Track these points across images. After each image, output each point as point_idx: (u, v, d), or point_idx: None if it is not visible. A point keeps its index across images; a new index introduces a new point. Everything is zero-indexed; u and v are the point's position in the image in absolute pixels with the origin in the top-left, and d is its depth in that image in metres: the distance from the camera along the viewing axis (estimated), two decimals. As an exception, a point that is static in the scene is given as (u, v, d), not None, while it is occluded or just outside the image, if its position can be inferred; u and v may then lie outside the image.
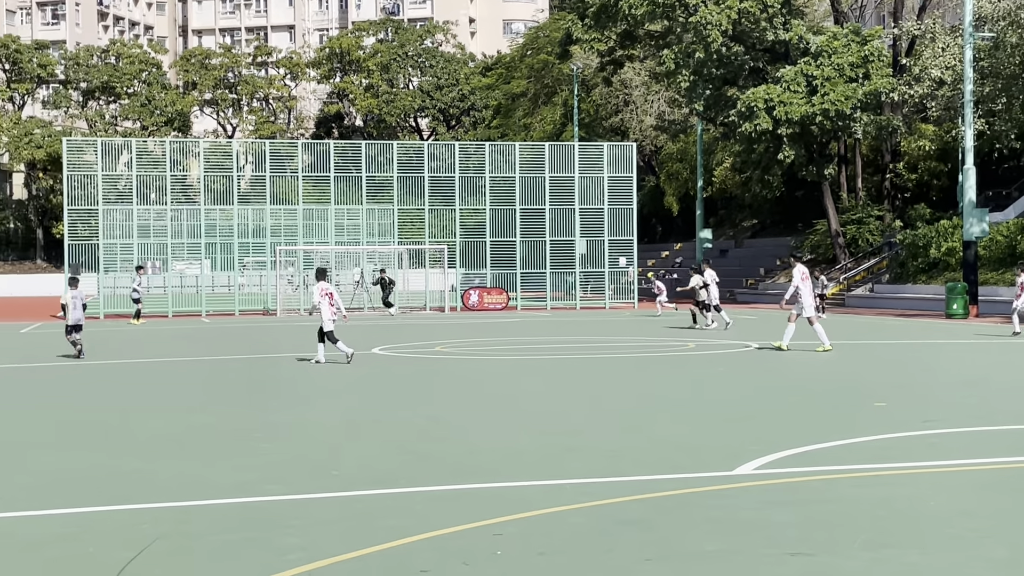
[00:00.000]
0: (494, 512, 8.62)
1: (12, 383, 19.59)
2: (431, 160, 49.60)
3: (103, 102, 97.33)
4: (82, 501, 9.32)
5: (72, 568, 7.23)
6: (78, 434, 13.20)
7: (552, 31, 77.18)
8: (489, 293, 48.36)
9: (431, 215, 49.24)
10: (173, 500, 9.31)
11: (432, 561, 7.26)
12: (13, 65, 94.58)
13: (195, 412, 15.09)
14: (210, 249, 49.51)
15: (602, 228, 49.01)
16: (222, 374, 20.69)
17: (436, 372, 20.91)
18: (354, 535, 7.94)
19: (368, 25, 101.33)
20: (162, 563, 7.29)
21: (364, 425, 13.68)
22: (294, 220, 49.20)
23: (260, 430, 13.24)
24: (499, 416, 14.43)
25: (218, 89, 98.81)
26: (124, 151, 54.19)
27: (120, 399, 16.92)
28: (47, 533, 8.25)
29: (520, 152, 49.86)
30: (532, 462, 10.98)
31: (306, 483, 9.98)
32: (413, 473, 10.41)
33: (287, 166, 51.29)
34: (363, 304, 47.97)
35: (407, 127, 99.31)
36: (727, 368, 21.09)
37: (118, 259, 46.74)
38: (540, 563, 7.23)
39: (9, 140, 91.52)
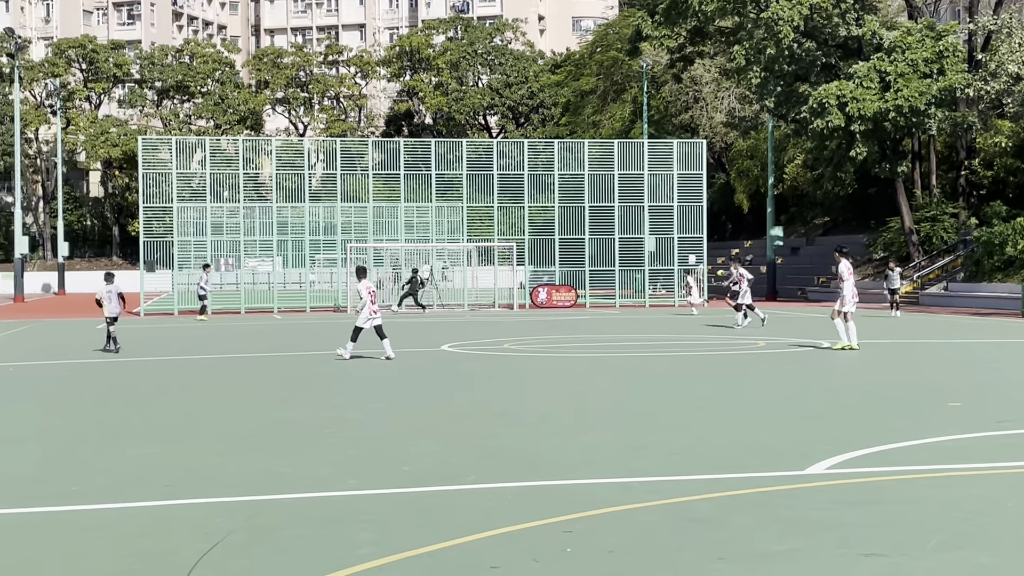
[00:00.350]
0: (564, 509, 8.65)
1: (91, 377, 19.96)
2: (500, 158, 49.69)
3: (177, 101, 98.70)
4: (160, 495, 9.49)
5: (152, 560, 7.38)
6: (154, 428, 13.43)
7: (622, 28, 76.95)
8: (558, 291, 48.35)
9: (500, 213, 49.34)
10: (247, 494, 9.45)
11: (502, 557, 7.31)
12: (90, 65, 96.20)
13: (268, 407, 15.29)
14: (282, 246, 50.05)
15: (671, 226, 48.80)
16: (293, 370, 20.92)
17: (505, 369, 20.97)
18: (426, 530, 8.01)
19: (438, 23, 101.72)
20: (236, 556, 7.41)
21: (435, 421, 13.77)
22: (364, 218, 49.53)
23: (331, 425, 13.38)
24: (568, 413, 14.46)
25: (290, 88, 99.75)
26: (198, 149, 54.96)
27: (194, 394, 17.18)
28: (130, 525, 8.41)
29: (589, 149, 49.80)
30: (602, 460, 11.00)
31: (378, 478, 10.08)
32: (483, 469, 10.47)
33: (358, 164, 51.69)
34: (432, 301, 48.18)
35: (476, 125, 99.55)
36: (797, 367, 20.93)
37: (192, 256, 47.39)
38: (610, 561, 7.25)
39: (86, 139, 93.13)
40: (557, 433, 12.73)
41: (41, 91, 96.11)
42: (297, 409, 15.10)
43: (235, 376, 20.07)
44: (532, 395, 16.70)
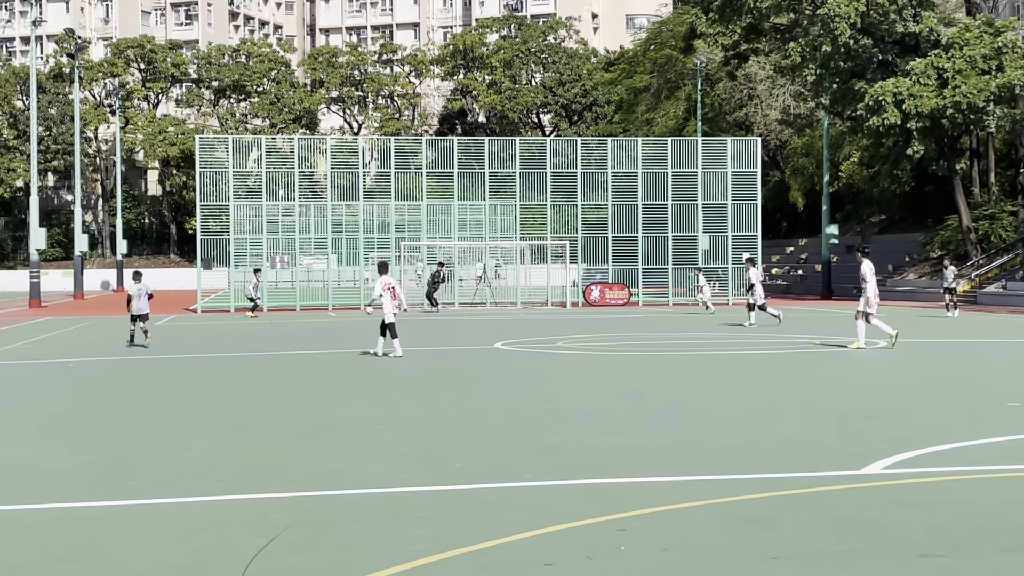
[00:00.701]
0: (618, 507, 8.67)
1: (149, 373, 20.22)
2: (553, 156, 49.69)
3: (234, 100, 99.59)
4: (217, 490, 9.62)
5: (211, 554, 7.48)
6: (212, 424, 13.59)
7: (675, 25, 76.62)
8: (611, 289, 48.28)
9: (553, 211, 49.34)
10: (303, 490, 9.55)
11: (557, 554, 7.34)
12: (148, 65, 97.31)
13: (323, 403, 15.42)
14: (336, 244, 50.36)
15: (725, 224, 48.57)
16: (348, 366, 21.05)
17: (559, 367, 20.99)
18: (480, 527, 8.06)
19: (491, 22, 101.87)
20: (293, 551, 7.50)
21: (488, 418, 13.83)
22: (418, 216, 49.72)
23: (386, 422, 13.48)
24: (622, 412, 14.46)
25: (345, 87, 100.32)
26: (254, 148, 55.45)
27: (251, 390, 17.35)
28: (189, 520, 8.54)
29: (643, 147, 49.68)
30: (655, 458, 11.00)
31: (433, 475, 10.15)
32: (538, 467, 10.50)
33: (411, 162, 51.90)
34: (486, 299, 48.31)
35: (529, 123, 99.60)
36: (851, 366, 20.78)
37: (247, 253, 47.82)
38: (664, 559, 7.26)
39: (144, 138, 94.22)
40: (611, 431, 12.74)
41: (100, 91, 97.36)
42: (352, 405, 15.22)
43: (291, 372, 20.24)
44: (586, 393, 16.71)
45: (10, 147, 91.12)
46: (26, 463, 10.98)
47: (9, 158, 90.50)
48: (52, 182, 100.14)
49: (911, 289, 51.55)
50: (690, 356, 23.45)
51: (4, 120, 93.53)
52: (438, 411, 14.63)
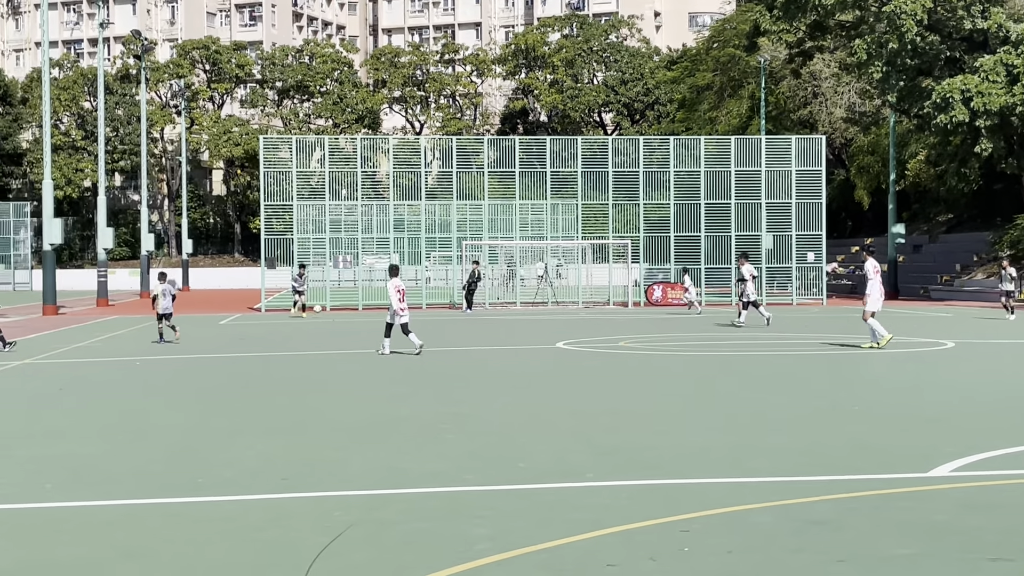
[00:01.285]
0: (681, 508, 8.62)
1: (213, 372, 20.43)
2: (615, 155, 49.55)
3: (297, 100, 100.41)
4: (280, 488, 9.69)
5: (274, 552, 7.54)
6: (275, 422, 13.69)
7: (739, 23, 76.08)
8: (673, 288, 48.03)
9: (615, 210, 49.20)
10: (365, 488, 9.59)
11: (619, 555, 7.31)
12: (213, 66, 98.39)
13: (385, 402, 15.48)
14: (398, 243, 50.55)
15: (789, 223, 48.15)
16: (410, 365, 21.12)
17: (620, 367, 20.92)
18: (542, 527, 8.04)
19: (553, 21, 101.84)
20: (356, 549, 7.53)
21: (550, 418, 13.81)
22: (479, 215, 49.78)
23: (448, 421, 13.50)
24: (684, 412, 14.38)
25: (407, 86, 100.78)
26: (317, 148, 55.85)
27: (314, 389, 17.46)
28: (252, 518, 8.61)
29: (705, 146, 49.39)
30: (719, 459, 10.92)
31: (495, 474, 10.15)
32: (600, 467, 10.47)
33: (473, 162, 52.01)
34: (547, 299, 48.28)
35: (591, 122, 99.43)
36: (917, 366, 20.51)
37: (311, 253, 48.16)
38: (728, 561, 7.20)
39: (209, 138, 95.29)
40: (673, 432, 12.68)
41: (166, 92, 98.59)
42: (414, 404, 15.26)
43: (353, 371, 20.35)
44: (648, 393, 16.63)
45: (78, 148, 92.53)
46: (94, 460, 11.13)
47: (77, 158, 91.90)
48: (119, 182, 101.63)
49: (978, 289, 50.78)
50: (753, 356, 23.27)
51: (72, 121, 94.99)
52: (499, 411, 14.63)
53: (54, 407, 15.61)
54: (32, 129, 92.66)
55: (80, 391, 17.53)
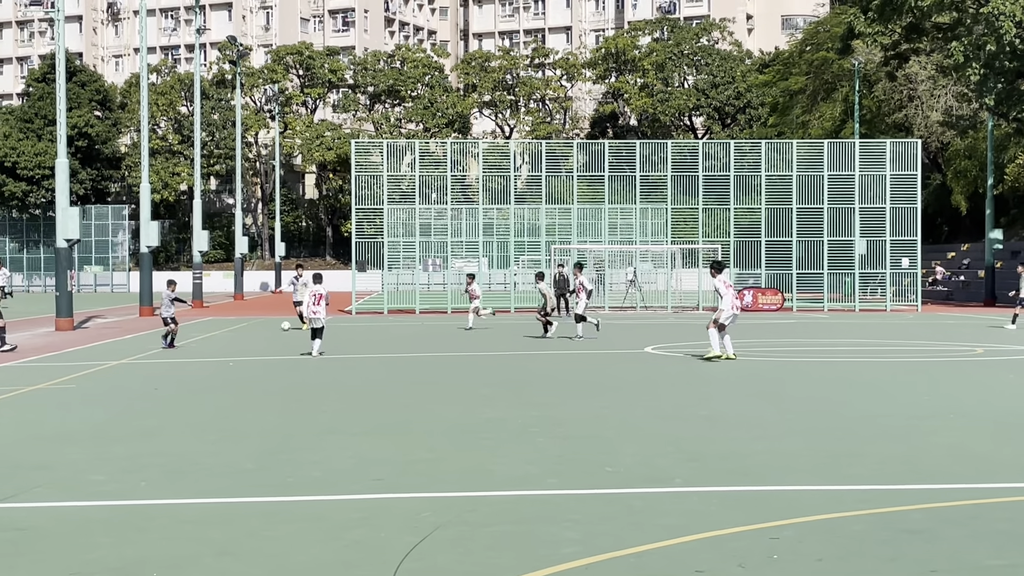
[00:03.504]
0: (770, 515, 8.53)
1: (305, 373, 20.66)
2: (705, 159, 49.22)
3: (388, 105, 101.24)
4: (370, 488, 9.77)
5: (363, 551, 7.60)
6: (366, 424, 13.81)
7: (833, 25, 75.11)
8: (764, 293, 47.58)
9: (705, 214, 48.87)
10: (454, 490, 9.63)
11: (708, 561, 7.25)
12: (306, 71, 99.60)
13: (475, 405, 15.53)
14: (487, 247, 50.76)
15: (884, 228, 47.41)
16: (499, 369, 21.18)
17: (710, 372, 20.76)
18: (631, 532, 8.01)
19: (644, 25, 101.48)
20: (444, 551, 7.57)
21: (638, 423, 13.75)
22: (568, 219, 49.80)
23: (537, 424, 13.51)
24: (775, 418, 14.22)
25: (497, 91, 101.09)
26: (407, 152, 56.25)
27: (404, 391, 17.57)
28: (342, 517, 8.70)
29: (798, 150, 48.85)
30: (810, 466, 10.79)
31: (583, 478, 10.13)
32: (688, 472, 10.40)
33: (562, 166, 51.98)
34: (635, 303, 48.12)
35: (681, 126, 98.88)
36: (1018, 375, 20.06)
37: (400, 256, 48.55)
38: (818, 569, 7.11)
39: (302, 142, 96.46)
40: (763, 438, 12.54)
41: (261, 97, 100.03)
42: (503, 407, 15.30)
43: (443, 374, 20.45)
44: (737, 399, 16.48)
45: (175, 152, 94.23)
46: (187, 458, 11.32)
47: (174, 162, 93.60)
48: (214, 186, 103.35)
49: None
50: (846, 363, 22.95)
51: (169, 125, 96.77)
52: (588, 415, 14.60)
53: (150, 406, 15.91)
54: (131, 133, 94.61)
55: (175, 390, 17.84)
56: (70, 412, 15.16)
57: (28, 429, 13.48)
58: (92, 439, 12.65)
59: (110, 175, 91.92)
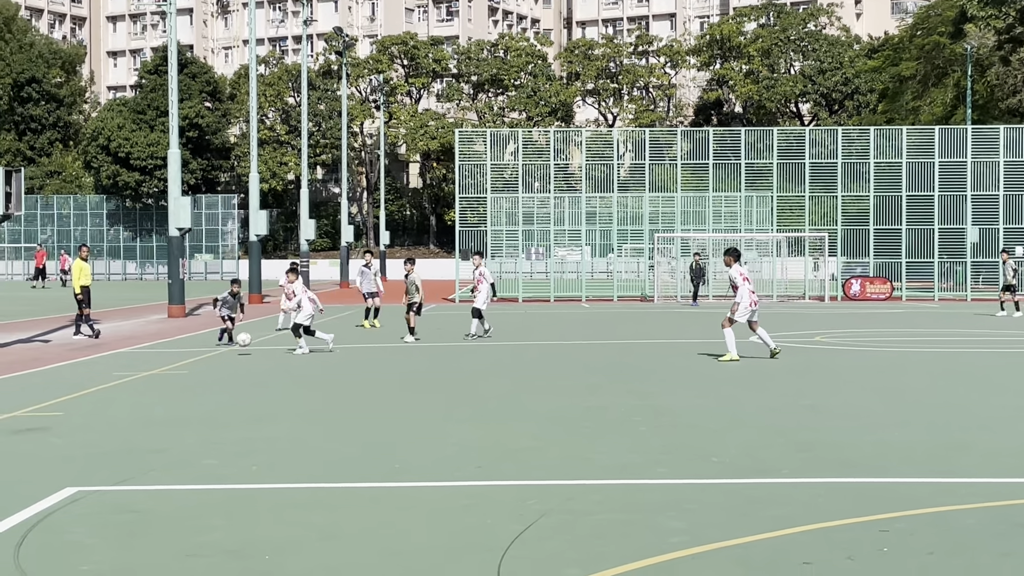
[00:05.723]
0: (880, 507, 8.41)
1: (410, 361, 20.85)
2: (812, 146, 48.53)
3: (492, 94, 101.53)
4: (475, 475, 9.84)
5: (469, 538, 7.66)
6: (472, 411, 13.90)
7: (944, 10, 73.45)
8: (872, 282, 46.81)
9: (811, 202, 48.20)
10: (559, 478, 9.66)
11: (815, 553, 7.18)
12: (411, 61, 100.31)
13: (579, 394, 15.53)
14: (590, 236, 50.68)
15: (997, 216, 46.30)
16: (603, 358, 21.14)
17: (816, 362, 20.50)
18: (737, 522, 7.96)
19: (749, 10, 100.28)
20: (549, 538, 7.59)
21: (744, 413, 13.63)
22: (672, 207, 49.50)
23: (640, 414, 13.47)
24: (883, 409, 13.99)
25: (600, 79, 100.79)
26: (511, 141, 56.33)
27: (509, 379, 17.64)
28: (447, 504, 8.78)
29: (907, 137, 47.91)
30: (920, 458, 10.60)
31: (689, 468, 10.09)
32: (795, 464, 10.29)
33: (666, 154, 51.65)
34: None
35: (788, 113, 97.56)
36: None
37: (503, 245, 48.71)
38: (929, 563, 6.99)
39: (406, 132, 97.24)
40: (872, 429, 12.35)
41: (366, 87, 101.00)
42: (606, 396, 15.28)
43: (548, 362, 20.49)
44: (844, 389, 16.24)
45: (282, 142, 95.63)
46: (297, 444, 11.51)
47: (281, 152, 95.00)
48: (320, 175, 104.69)
49: None
50: (956, 353, 22.48)
51: (277, 116, 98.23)
52: (691, 404, 14.52)
53: (259, 392, 16.20)
54: (239, 124, 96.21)
55: (284, 378, 18.14)
56: (183, 397, 15.51)
57: (143, 414, 13.82)
58: (204, 424, 12.93)
59: (220, 165, 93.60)
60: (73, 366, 20.04)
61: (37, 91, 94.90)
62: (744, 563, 6.97)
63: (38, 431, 12.34)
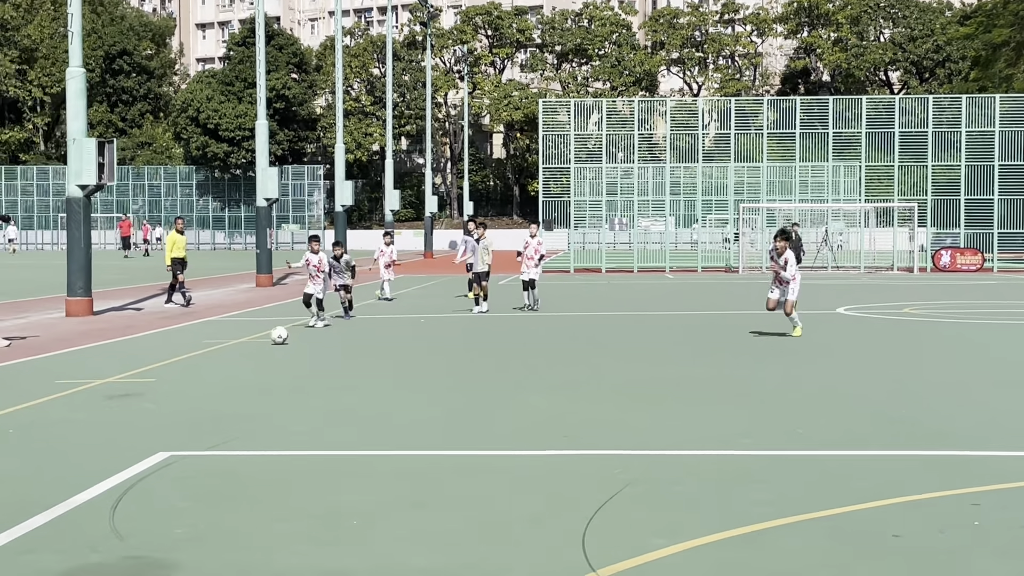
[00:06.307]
0: (973, 480, 8.28)
1: (494, 331, 20.92)
2: (902, 115, 47.67)
3: (576, 64, 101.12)
4: (560, 444, 9.86)
5: (555, 505, 7.68)
6: (556, 380, 13.91)
7: (1041, -26, 71.58)
8: (962, 254, 45.96)
9: (900, 172, 47.40)
10: (644, 448, 9.64)
11: (905, 526, 7.09)
12: (495, 31, 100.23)
13: (663, 364, 15.49)
14: (673, 206, 50.36)
15: (1093, 185, 45.18)
16: (686, 328, 21.02)
17: (905, 334, 20.20)
18: (824, 494, 7.88)
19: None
20: (634, 507, 7.58)
21: (831, 385, 13.48)
22: (757, 178, 48.99)
23: (723, 384, 13.39)
24: (975, 381, 13.76)
25: (685, 48, 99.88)
26: (594, 111, 56.09)
27: (593, 349, 17.64)
28: (532, 472, 8.81)
29: (1000, 105, 46.86)
30: (1014, 430, 10.41)
31: (774, 440, 10.01)
32: (883, 436, 10.16)
33: (751, 123, 51.08)
34: (827, 263, 47.13)
35: (876, 81, 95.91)
36: None
37: (587, 215, 48.60)
38: (1021, 537, 6.87)
39: (490, 102, 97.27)
40: (963, 401, 12.16)
41: (450, 57, 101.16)
42: (691, 367, 15.22)
43: (631, 332, 20.43)
44: (934, 361, 15.99)
45: (367, 113, 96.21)
46: (384, 412, 11.62)
47: (367, 123, 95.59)
48: (405, 146, 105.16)
49: None
50: (1051, 326, 21.99)
51: (362, 87, 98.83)
52: (777, 376, 14.40)
53: (346, 361, 16.38)
54: (325, 95, 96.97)
55: (373, 346, 18.31)
56: (271, 365, 15.72)
57: (232, 381, 14.05)
58: (292, 391, 13.11)
59: (306, 136, 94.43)
60: (164, 334, 20.42)
61: (128, 63, 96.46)
62: (832, 535, 6.91)
63: (132, 397, 12.61)
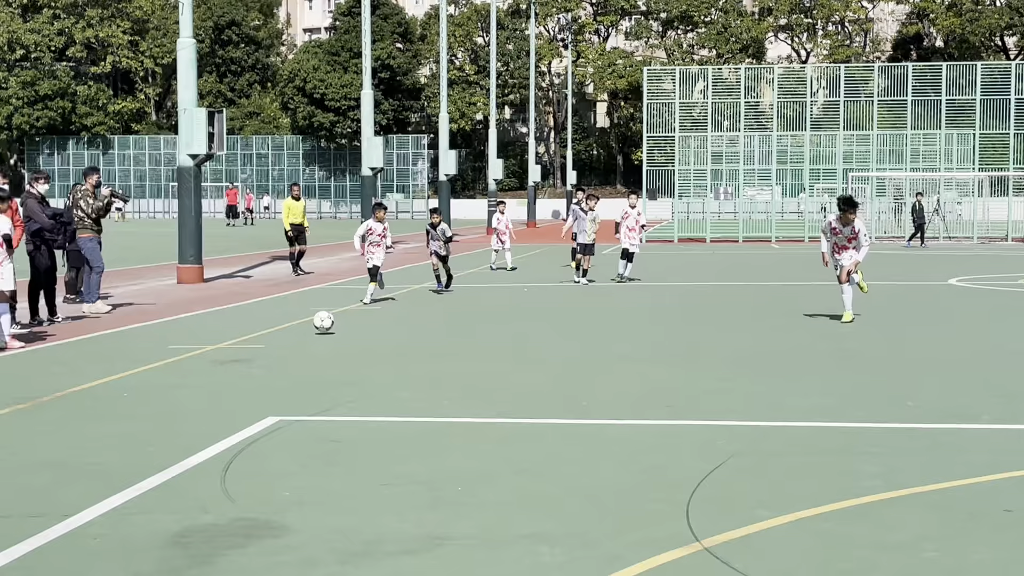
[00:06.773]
0: (1089, 457, 8.06)
1: (597, 299, 20.89)
2: (1019, 81, 46.36)
3: (681, 31, 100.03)
4: (664, 414, 9.82)
5: (659, 475, 7.65)
6: (660, 351, 13.86)
7: None
8: (1080, 224, 44.69)
9: (1017, 140, 46.15)
10: (749, 419, 9.55)
11: (1019, 500, 6.93)
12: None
13: (768, 334, 15.33)
14: (780, 175, 49.70)
15: None
16: (789, 299, 20.75)
17: (1019, 306, 19.70)
18: (935, 467, 7.74)
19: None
20: (739, 478, 7.52)
21: (943, 357, 13.21)
22: (866, 146, 48.12)
23: (833, 355, 13.20)
24: (1093, 356, 13.37)
25: (793, 14, 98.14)
26: (700, 79, 55.48)
27: (697, 319, 17.52)
28: (636, 441, 8.79)
29: (1124, 70, 45.35)
30: None
31: (884, 411, 9.84)
32: (997, 409, 9.94)
33: (861, 91, 50.12)
34: (939, 233, 46.16)
35: (992, 47, 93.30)
36: None
37: (691, 184, 48.20)
38: None
39: (594, 71, 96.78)
40: (1080, 376, 11.83)
41: (554, 26, 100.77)
42: (796, 337, 15.04)
43: (735, 303, 20.25)
44: (1051, 335, 15.58)
45: (471, 82, 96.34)
46: (487, 379, 11.69)
47: (470, 92, 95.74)
48: (508, 115, 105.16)
49: None
50: None
51: (466, 56, 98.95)
52: (885, 347, 14.15)
53: (450, 328, 16.50)
54: (429, 65, 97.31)
55: (477, 316, 18.41)
56: (376, 333, 15.90)
57: (338, 348, 14.23)
58: (396, 358, 13.23)
59: (410, 105, 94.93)
60: (273, 301, 20.76)
61: (237, 34, 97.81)
62: (941, 508, 6.78)
63: (241, 362, 12.84)
